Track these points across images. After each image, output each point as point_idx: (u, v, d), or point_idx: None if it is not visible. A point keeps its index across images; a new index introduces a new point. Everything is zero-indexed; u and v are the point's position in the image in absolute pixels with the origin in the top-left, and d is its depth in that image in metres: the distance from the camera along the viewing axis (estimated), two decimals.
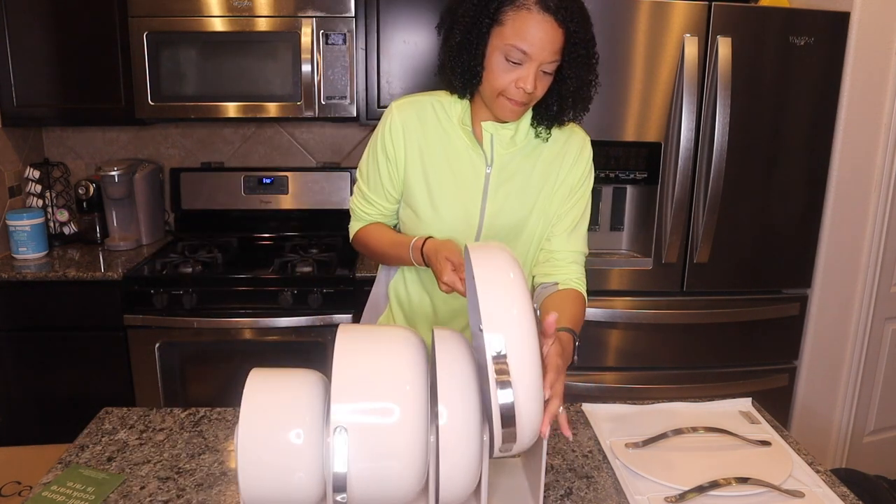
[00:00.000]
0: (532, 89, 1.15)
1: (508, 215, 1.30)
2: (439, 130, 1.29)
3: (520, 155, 1.29)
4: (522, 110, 1.22)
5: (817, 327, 2.32)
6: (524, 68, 1.15)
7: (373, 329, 0.99)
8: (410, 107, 1.30)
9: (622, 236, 2.27)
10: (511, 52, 1.14)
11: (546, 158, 1.31)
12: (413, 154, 1.30)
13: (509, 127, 1.27)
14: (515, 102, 1.18)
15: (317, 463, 0.89)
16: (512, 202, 1.29)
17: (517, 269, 0.93)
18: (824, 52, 2.10)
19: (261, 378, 0.95)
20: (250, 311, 2.31)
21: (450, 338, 0.96)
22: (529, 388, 0.86)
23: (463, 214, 1.29)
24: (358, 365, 0.91)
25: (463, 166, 1.29)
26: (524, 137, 1.29)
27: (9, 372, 2.37)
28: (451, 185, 1.29)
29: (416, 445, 0.88)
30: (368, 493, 0.90)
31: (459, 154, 1.29)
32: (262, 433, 0.89)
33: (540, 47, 1.13)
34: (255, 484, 0.89)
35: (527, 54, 1.14)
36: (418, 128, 1.29)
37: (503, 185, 1.29)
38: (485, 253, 0.95)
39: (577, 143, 1.33)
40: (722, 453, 1.19)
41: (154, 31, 2.35)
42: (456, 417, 0.88)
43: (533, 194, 1.30)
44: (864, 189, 2.23)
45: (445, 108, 1.30)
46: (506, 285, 0.90)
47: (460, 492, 0.92)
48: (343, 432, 0.86)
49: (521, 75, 1.15)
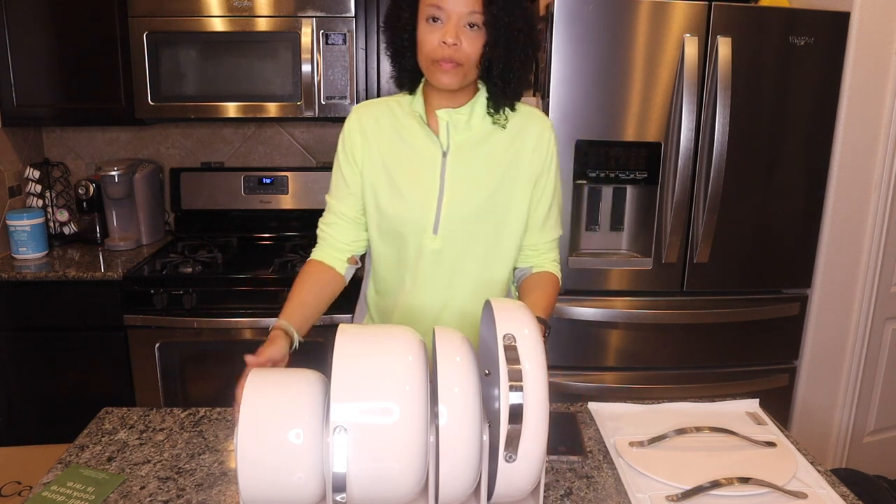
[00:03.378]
0: (454, 40, 1.18)
1: (466, 202, 1.30)
2: (397, 126, 1.33)
3: (476, 139, 1.31)
4: (456, 73, 1.22)
5: (817, 327, 2.32)
6: (444, 25, 1.19)
7: (372, 329, 0.99)
8: (367, 108, 1.35)
9: (622, 236, 2.27)
10: (430, 11, 1.19)
11: (503, 144, 1.32)
12: (372, 153, 1.32)
13: (462, 112, 1.28)
14: (445, 63, 1.20)
15: (316, 463, 0.89)
16: (470, 187, 1.30)
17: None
18: (824, 52, 2.10)
19: (261, 378, 0.95)
20: (250, 311, 2.31)
21: (451, 337, 0.96)
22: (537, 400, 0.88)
23: (420, 202, 1.30)
24: (358, 365, 0.90)
25: (419, 155, 1.31)
26: (480, 122, 1.30)
27: (9, 372, 2.37)
28: (409, 175, 1.31)
29: (415, 446, 0.88)
30: (368, 493, 0.89)
31: (414, 144, 1.31)
32: (262, 433, 0.89)
33: (454, 2, 1.17)
34: (254, 484, 0.89)
35: (443, 9, 1.18)
36: (375, 128, 1.33)
37: (461, 171, 1.30)
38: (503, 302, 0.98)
39: (536, 129, 1.33)
40: (726, 453, 1.19)
41: (154, 31, 2.35)
42: (456, 418, 0.88)
43: (493, 181, 1.31)
44: (864, 189, 2.23)
45: (402, 105, 1.34)
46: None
47: (460, 492, 0.92)
48: (343, 432, 0.86)
49: (443, 31, 1.19)
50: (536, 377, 0.88)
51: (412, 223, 1.30)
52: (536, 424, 0.87)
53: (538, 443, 0.88)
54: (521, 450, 0.87)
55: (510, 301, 0.98)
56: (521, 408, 0.85)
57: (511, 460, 0.87)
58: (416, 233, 1.30)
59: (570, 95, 2.05)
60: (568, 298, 2.18)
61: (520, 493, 0.92)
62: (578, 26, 2.01)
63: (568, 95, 2.05)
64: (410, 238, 1.31)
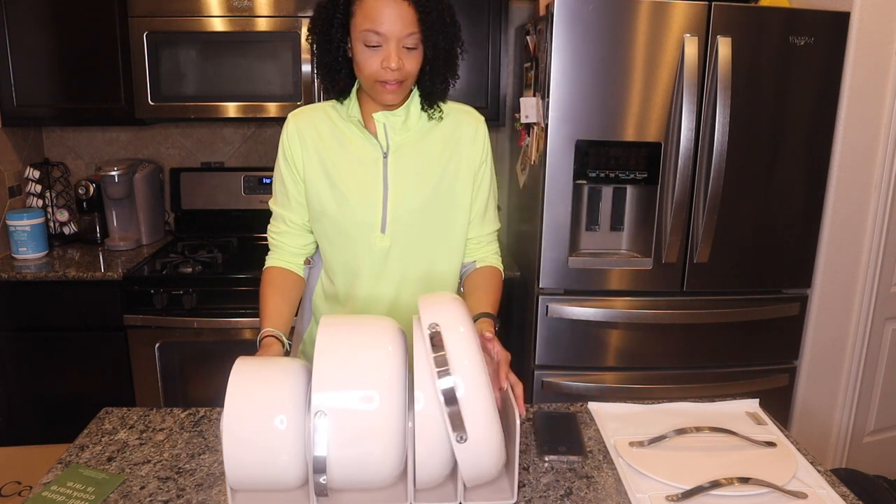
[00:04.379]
0: (397, 66, 1.19)
1: (411, 199, 1.32)
2: (335, 131, 1.34)
3: (415, 139, 1.33)
4: (401, 90, 1.25)
5: (817, 327, 2.32)
6: (384, 49, 1.19)
7: (354, 319, 1.03)
8: (303, 114, 1.37)
9: (622, 236, 2.27)
10: (368, 37, 1.19)
11: (441, 139, 1.35)
12: (311, 158, 1.34)
13: (398, 113, 1.31)
14: (390, 84, 1.22)
15: (299, 447, 0.93)
16: (413, 184, 1.32)
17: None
18: (824, 52, 2.10)
19: (246, 366, 0.98)
20: (250, 311, 2.31)
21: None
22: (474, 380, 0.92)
23: (365, 203, 1.32)
24: (339, 354, 0.94)
25: (361, 158, 1.32)
26: (417, 121, 1.33)
27: (9, 372, 2.37)
28: (352, 179, 1.32)
29: (394, 431, 0.92)
30: (350, 475, 0.94)
31: (356, 148, 1.33)
32: (247, 419, 0.92)
33: (390, 24, 1.17)
34: (240, 467, 0.92)
35: (381, 34, 1.18)
36: (313, 133, 1.34)
37: (402, 169, 1.32)
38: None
39: (471, 125, 1.37)
40: (727, 453, 1.19)
41: (154, 31, 2.35)
42: (431, 403, 0.92)
43: (434, 176, 1.33)
44: (864, 189, 2.23)
45: (338, 110, 1.35)
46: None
47: (435, 473, 0.95)
48: (323, 416, 0.90)
49: (384, 55, 1.20)
50: (465, 359, 0.91)
51: (359, 224, 1.32)
52: (476, 404, 0.90)
53: (485, 421, 0.91)
54: (471, 431, 0.90)
55: (436, 293, 1.02)
56: (453, 391, 0.89)
57: (462, 441, 0.90)
58: (364, 233, 1.32)
59: (570, 95, 2.05)
60: (568, 298, 2.18)
61: (486, 472, 0.95)
62: (578, 26, 2.01)
63: (568, 95, 2.05)
64: (359, 239, 1.33)
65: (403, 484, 1.03)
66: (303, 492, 1.02)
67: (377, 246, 1.33)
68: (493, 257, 1.45)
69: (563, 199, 2.13)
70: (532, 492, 1.10)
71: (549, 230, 2.14)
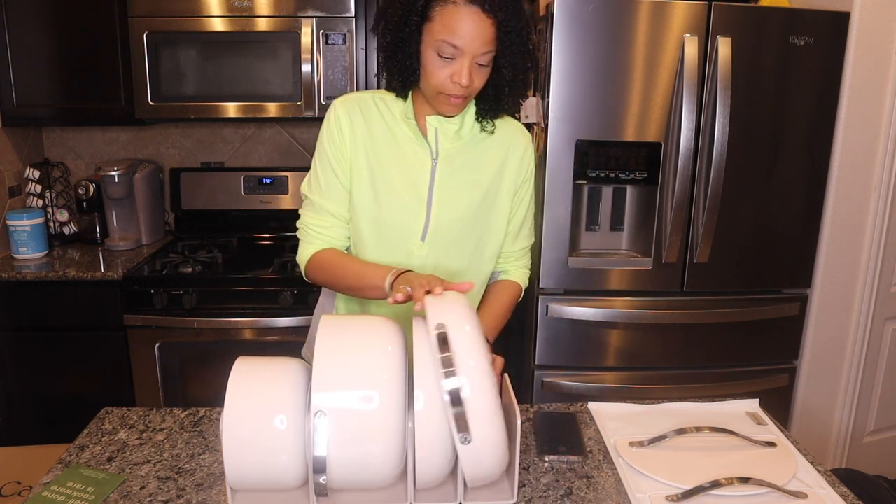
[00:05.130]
0: (467, 83, 1.16)
1: (456, 208, 1.29)
2: (382, 125, 1.29)
3: (465, 148, 1.31)
4: (463, 104, 1.22)
5: (817, 327, 2.32)
6: (457, 63, 1.15)
7: (354, 319, 1.03)
8: (353, 102, 1.30)
9: (622, 236, 2.27)
10: (442, 47, 1.14)
11: (492, 153, 1.32)
12: (358, 147, 1.28)
13: (454, 121, 1.27)
14: (455, 98, 1.19)
15: (299, 447, 0.93)
16: (459, 194, 1.30)
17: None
18: (824, 52, 2.10)
19: (246, 366, 0.98)
20: (250, 311, 2.31)
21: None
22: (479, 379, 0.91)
23: (409, 207, 1.28)
24: (339, 353, 0.94)
25: (408, 159, 1.28)
26: (469, 131, 1.30)
27: (9, 372, 2.37)
28: (396, 178, 1.28)
29: (394, 431, 0.93)
30: (349, 476, 0.94)
31: (404, 147, 1.28)
32: (247, 418, 0.92)
33: (470, 40, 1.13)
34: (239, 467, 0.92)
35: (458, 48, 1.14)
36: (362, 122, 1.28)
37: (450, 178, 1.29)
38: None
39: (522, 143, 1.36)
40: (726, 453, 1.19)
41: (154, 31, 2.35)
42: (432, 402, 0.92)
43: (481, 187, 1.31)
44: (864, 189, 2.23)
45: (388, 104, 1.30)
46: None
47: (435, 473, 0.95)
48: (323, 416, 0.90)
49: (456, 70, 1.16)
50: (471, 360, 0.91)
51: (400, 229, 1.29)
52: (482, 405, 0.90)
53: (490, 422, 0.91)
54: (475, 432, 0.89)
55: (445, 294, 1.01)
56: (458, 391, 0.89)
57: (466, 442, 0.89)
58: (404, 239, 1.29)
59: (570, 95, 2.05)
60: (568, 298, 2.18)
61: (489, 474, 0.95)
62: (578, 26, 2.01)
63: (568, 95, 2.05)
64: (396, 245, 1.29)
65: (403, 484, 1.03)
66: (303, 492, 1.02)
67: (415, 254, 1.29)
68: (520, 272, 1.44)
69: (563, 199, 2.13)
70: (532, 492, 1.10)
71: (549, 230, 2.14)
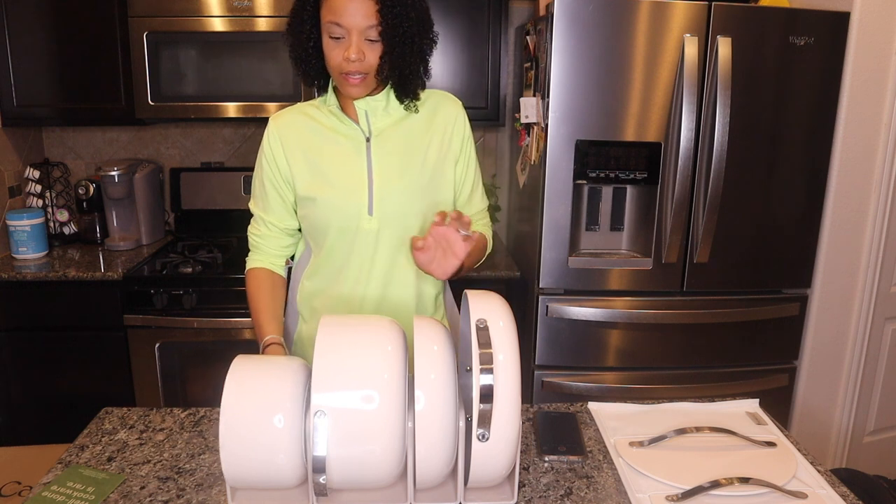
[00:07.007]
0: (356, 57, 1.21)
1: (398, 180, 1.34)
2: (315, 125, 1.36)
3: (399, 125, 1.36)
4: (364, 84, 1.27)
5: (817, 327, 2.32)
6: (346, 40, 1.22)
7: (354, 318, 1.03)
8: (283, 116, 1.39)
9: (622, 236, 2.27)
10: (331, 28, 1.22)
11: (422, 122, 1.37)
12: (295, 154, 1.35)
13: (379, 99, 1.33)
14: (353, 77, 1.25)
15: (298, 446, 0.93)
16: (398, 166, 1.34)
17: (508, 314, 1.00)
18: (824, 52, 2.10)
19: (244, 364, 0.98)
20: (250, 311, 2.30)
21: (428, 325, 1.00)
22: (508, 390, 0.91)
23: (353, 187, 1.33)
24: (339, 353, 0.94)
25: (344, 145, 1.35)
26: (397, 107, 1.35)
27: (9, 372, 2.37)
28: (337, 164, 1.34)
29: (394, 430, 0.93)
30: (349, 475, 0.94)
31: (338, 137, 1.35)
32: (244, 416, 0.92)
33: (350, 16, 1.20)
34: (236, 464, 0.92)
35: (342, 26, 1.21)
36: (293, 132, 1.36)
37: (385, 153, 1.34)
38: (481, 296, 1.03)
39: (453, 111, 1.40)
40: (726, 453, 1.19)
41: (154, 31, 2.35)
42: (432, 402, 0.92)
43: (418, 157, 1.35)
44: (864, 189, 2.23)
45: (316, 106, 1.38)
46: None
47: (436, 472, 0.95)
48: (322, 416, 0.90)
49: (346, 47, 1.22)
50: (507, 360, 0.92)
51: (346, 208, 1.33)
52: (508, 405, 0.91)
53: (511, 423, 0.91)
54: (494, 430, 0.90)
55: (484, 291, 1.03)
56: (492, 388, 0.90)
57: (484, 439, 0.90)
58: (353, 217, 1.33)
59: (570, 95, 2.05)
60: (568, 298, 2.18)
61: (495, 474, 0.95)
62: (578, 26, 2.01)
63: (568, 95, 2.05)
64: (348, 223, 1.34)
65: (403, 484, 1.03)
66: (302, 491, 1.03)
67: (365, 228, 1.33)
68: (484, 229, 1.49)
69: (563, 199, 2.13)
70: (532, 492, 1.10)
71: (549, 230, 2.15)
